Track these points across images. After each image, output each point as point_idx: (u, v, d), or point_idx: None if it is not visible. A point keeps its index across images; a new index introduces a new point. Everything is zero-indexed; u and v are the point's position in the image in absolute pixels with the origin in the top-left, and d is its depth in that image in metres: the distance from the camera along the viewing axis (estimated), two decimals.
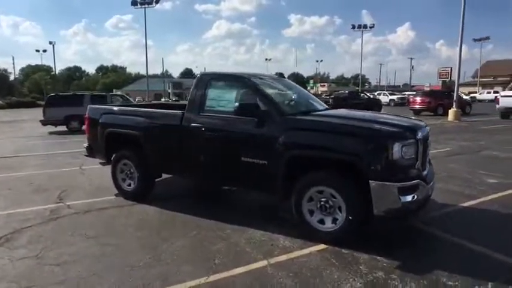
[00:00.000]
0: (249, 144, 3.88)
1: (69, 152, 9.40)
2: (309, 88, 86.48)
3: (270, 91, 4.16)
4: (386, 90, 55.28)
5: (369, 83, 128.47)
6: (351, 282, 2.81)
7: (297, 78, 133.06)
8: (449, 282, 2.78)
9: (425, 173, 3.53)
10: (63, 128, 14.73)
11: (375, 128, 3.39)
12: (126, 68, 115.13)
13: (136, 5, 36.82)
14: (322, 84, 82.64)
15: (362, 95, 24.95)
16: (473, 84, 64.30)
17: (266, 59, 79.26)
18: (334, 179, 3.40)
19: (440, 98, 22.10)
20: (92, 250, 3.43)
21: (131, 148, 4.94)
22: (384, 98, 37.96)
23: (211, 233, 3.82)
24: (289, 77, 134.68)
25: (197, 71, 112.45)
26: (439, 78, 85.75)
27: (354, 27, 47.75)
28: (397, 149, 3.17)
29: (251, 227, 3.91)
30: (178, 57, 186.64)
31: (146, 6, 36.43)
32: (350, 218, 3.31)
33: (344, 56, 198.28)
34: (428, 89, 68.93)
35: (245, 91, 4.08)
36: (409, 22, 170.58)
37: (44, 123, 14.39)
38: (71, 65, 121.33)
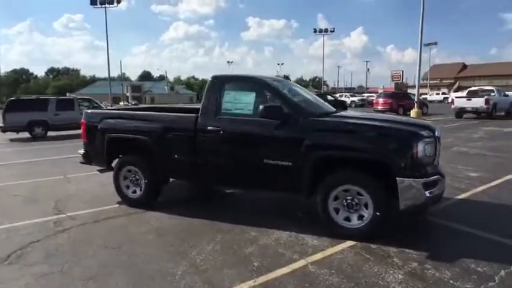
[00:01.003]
0: (272, 147, 3.92)
1: (45, 159, 8.79)
2: None
3: (288, 94, 4.23)
4: (344, 92, 57.62)
5: (327, 85, 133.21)
6: (392, 274, 2.96)
7: None
8: (479, 269, 3.02)
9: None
10: (25, 134, 13.68)
11: (401, 128, 3.60)
12: (79, 70, 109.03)
13: (96, 4, 34.86)
14: None
15: (329, 96, 25.85)
16: (423, 86, 68.99)
17: (228, 62, 78.87)
18: (361, 178, 3.54)
19: (401, 99, 23.52)
20: (121, 260, 3.28)
21: (137, 154, 4.76)
22: (346, 100, 39.68)
23: (237, 236, 3.80)
24: None
25: (157, 74, 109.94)
26: (392, 80, 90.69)
27: (315, 31, 49.42)
28: (421, 147, 3.39)
29: (273, 229, 3.94)
30: (134, 59, 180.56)
31: (107, 6, 34.67)
32: (378, 214, 3.47)
33: (302, 59, 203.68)
34: (381, 90, 72.90)
35: (266, 94, 4.12)
36: (362, 27, 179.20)
37: (4, 129, 13.26)
38: (17, 66, 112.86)
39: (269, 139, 3.93)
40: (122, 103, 54.34)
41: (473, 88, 21.79)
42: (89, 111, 5.26)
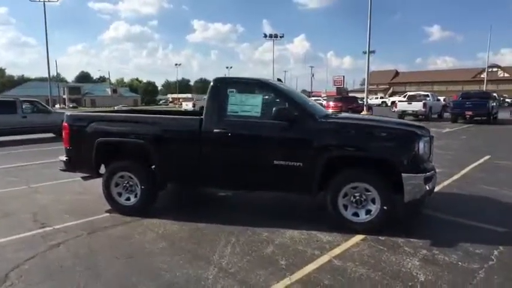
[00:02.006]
0: (282, 148, 4.01)
1: None
2: None
3: (294, 96, 4.36)
4: None
5: None
6: (409, 261, 3.23)
7: (205, 84, 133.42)
8: (477, 251, 3.43)
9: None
10: None
11: (403, 129, 3.94)
12: (5, 69, 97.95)
13: None
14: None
15: None
16: (361, 91, 74.14)
17: (176, 64, 77.01)
18: (370, 175, 3.80)
19: (350, 103, 25.03)
20: (141, 270, 3.11)
21: (132, 159, 4.53)
22: None
23: (250, 237, 3.82)
24: (197, 82, 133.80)
25: (97, 75, 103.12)
26: (334, 85, 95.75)
27: (265, 36, 50.60)
28: (421, 146, 3.75)
29: (282, 228, 4.03)
30: (70, 59, 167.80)
31: (46, 0, 31.62)
32: (385, 208, 3.75)
33: (247, 63, 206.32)
34: (324, 95, 76.60)
35: (273, 96, 4.21)
36: (304, 34, 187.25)
37: None
38: None
39: (279, 140, 4.02)
40: (57, 106, 50.07)
41: (411, 93, 24.07)
42: (73, 113, 4.87)
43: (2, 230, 4.12)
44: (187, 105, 27.38)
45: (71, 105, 54.01)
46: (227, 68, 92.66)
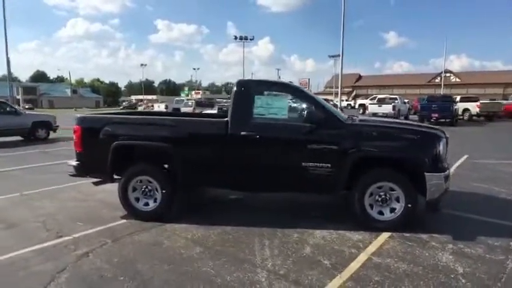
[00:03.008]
0: (310, 150, 4.10)
1: None
2: (183, 95, 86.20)
3: (319, 99, 4.46)
4: None
5: None
6: (442, 255, 3.45)
7: (169, 85, 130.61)
8: (496, 243, 3.72)
9: None
10: None
11: (425, 131, 4.17)
12: None
13: None
14: (196, 91, 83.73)
15: None
16: (327, 93, 76.40)
17: (142, 65, 74.66)
18: (395, 175, 4.00)
19: None
20: (193, 277, 3.06)
21: (153, 162, 4.40)
22: None
23: (283, 239, 3.86)
24: (161, 84, 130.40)
25: (54, 75, 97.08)
26: None
27: (236, 37, 50.50)
28: (441, 146, 4.01)
29: (310, 229, 4.12)
30: (21, 57, 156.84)
31: None
32: (409, 206, 3.96)
33: (212, 64, 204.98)
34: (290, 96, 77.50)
35: (300, 99, 4.28)
36: (269, 36, 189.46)
37: None
38: None
39: (307, 142, 4.10)
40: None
41: (381, 96, 25.25)
42: (85, 115, 4.62)
43: (16, 241, 3.83)
44: (159, 107, 26.68)
45: (26, 106, 50.36)
46: (194, 69, 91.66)
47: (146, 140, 4.33)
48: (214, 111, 19.98)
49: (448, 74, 62.17)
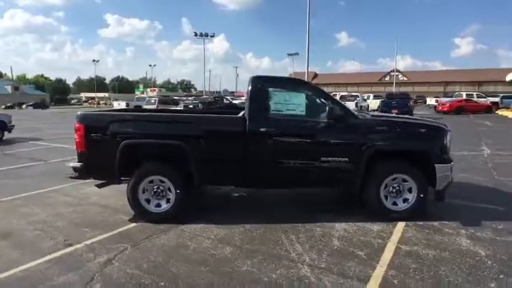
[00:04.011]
0: (329, 145, 4.16)
1: None
2: (138, 93, 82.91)
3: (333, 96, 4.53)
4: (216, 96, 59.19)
5: (195, 88, 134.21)
6: (459, 240, 3.69)
7: (121, 82, 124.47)
8: (499, 227, 4.06)
9: None
10: None
11: (433, 124, 4.41)
12: None
13: None
14: (152, 89, 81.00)
15: (224, 100, 26.55)
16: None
17: (94, 60, 70.15)
18: (408, 167, 4.19)
19: None
20: (235, 276, 2.97)
21: (165, 161, 4.18)
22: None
23: (307, 233, 3.90)
24: (113, 80, 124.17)
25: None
26: None
27: (196, 34, 49.18)
28: (448, 139, 4.28)
29: (327, 222, 4.20)
30: None
31: None
32: (421, 195, 4.19)
33: (166, 61, 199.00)
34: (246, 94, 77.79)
35: (317, 96, 4.30)
36: (224, 33, 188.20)
37: None
38: None
39: (326, 138, 4.16)
40: None
41: (343, 93, 26.25)
42: (88, 112, 4.25)
43: (20, 252, 3.45)
44: (120, 105, 25.29)
45: None
46: (150, 66, 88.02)
47: (159, 138, 4.10)
48: (180, 108, 19.47)
49: (396, 73, 66.31)
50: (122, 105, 24.93)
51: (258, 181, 4.33)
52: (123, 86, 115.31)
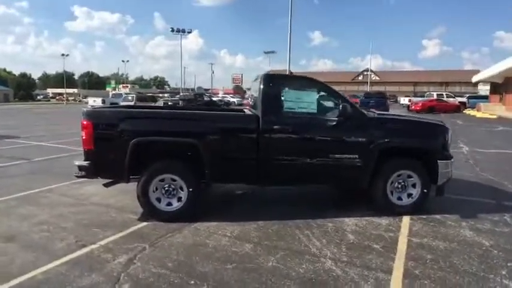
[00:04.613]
0: (340, 142, 4.28)
1: None
2: (110, 89, 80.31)
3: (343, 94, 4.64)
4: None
5: (169, 85, 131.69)
6: (463, 232, 3.93)
7: (91, 78, 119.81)
8: (495, 218, 4.35)
9: None
10: None
11: (436, 123, 4.63)
12: None
13: None
14: (124, 85, 78.75)
15: (204, 97, 26.27)
16: None
17: (63, 54, 66.95)
18: (413, 163, 4.39)
19: None
20: (263, 272, 3.01)
21: (178, 159, 4.14)
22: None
23: (321, 229, 4.00)
24: (82, 76, 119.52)
25: None
26: (233, 82, 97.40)
27: (173, 30, 48.10)
28: (449, 136, 4.52)
29: (336, 217, 4.32)
30: None
31: None
32: (425, 191, 4.40)
33: (138, 57, 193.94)
34: (222, 92, 77.89)
35: (328, 94, 4.41)
36: (198, 30, 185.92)
37: None
38: None
39: (337, 135, 4.27)
40: None
41: None
42: (96, 108, 4.11)
43: (32, 255, 3.30)
44: (95, 102, 24.41)
45: None
46: (123, 61, 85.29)
47: (172, 136, 4.05)
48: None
49: (369, 72, 68.36)
50: (98, 101, 24.12)
51: (271, 179, 4.37)
52: (93, 82, 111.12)
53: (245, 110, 5.28)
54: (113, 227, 3.99)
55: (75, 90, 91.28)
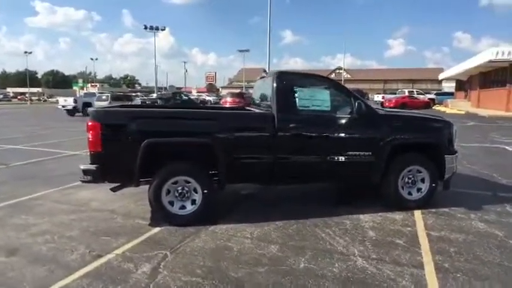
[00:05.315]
0: (354, 140, 4.29)
1: None
2: (77, 88, 76.98)
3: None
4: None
5: (139, 83, 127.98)
6: (475, 223, 4.06)
7: (56, 76, 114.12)
8: (498, 209, 4.53)
9: None
10: None
11: (442, 119, 4.75)
12: None
13: None
14: (93, 84, 75.78)
15: (183, 96, 25.70)
16: (231, 87, 77.73)
17: (26, 52, 63.14)
18: (423, 158, 4.48)
19: (245, 99, 26.21)
20: (299, 273, 2.94)
21: (191, 160, 3.97)
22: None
23: (340, 226, 3.99)
24: (46, 75, 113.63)
25: None
26: (207, 81, 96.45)
27: (146, 27, 46.44)
28: (454, 132, 4.66)
29: (350, 214, 4.32)
30: None
31: None
32: (433, 185, 4.51)
33: (106, 54, 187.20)
34: (195, 90, 76.75)
35: (340, 92, 4.39)
36: (168, 27, 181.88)
37: None
38: None
39: (351, 133, 4.27)
40: None
41: None
42: (105, 109, 3.84)
43: (44, 269, 3.04)
44: (66, 101, 23.16)
45: None
46: (92, 59, 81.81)
47: (185, 136, 3.87)
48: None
49: (341, 70, 69.96)
50: (69, 101, 22.94)
51: (286, 177, 4.31)
52: (59, 81, 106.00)
53: (251, 109, 5.16)
54: (124, 234, 3.76)
55: (39, 90, 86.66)
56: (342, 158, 4.23)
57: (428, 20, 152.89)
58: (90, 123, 3.75)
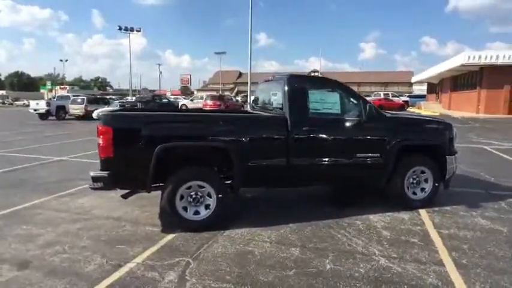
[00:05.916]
0: (364, 142, 4.38)
1: None
2: (45, 91, 73.76)
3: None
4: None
5: (111, 86, 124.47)
6: (478, 221, 4.26)
7: (21, 78, 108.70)
8: (496, 206, 4.77)
9: None
10: None
11: (443, 121, 4.94)
12: None
13: None
14: (62, 86, 72.96)
15: (162, 98, 25.22)
16: (212, 89, 77.28)
17: None
18: (427, 159, 4.65)
19: (226, 101, 26.17)
20: (328, 275, 2.96)
21: (205, 165, 3.91)
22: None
23: (352, 227, 4.06)
24: (10, 76, 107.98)
25: None
26: (182, 83, 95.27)
27: (120, 28, 45.02)
28: (454, 133, 4.87)
29: (359, 215, 4.41)
30: None
31: None
32: (436, 184, 4.69)
33: (74, 56, 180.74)
34: (169, 93, 75.53)
35: (350, 95, 4.46)
36: (142, 28, 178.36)
37: None
38: None
39: (362, 135, 4.37)
40: None
41: None
42: (117, 113, 3.70)
43: (64, 280, 2.90)
44: (38, 104, 22.09)
45: None
46: (61, 61, 78.61)
47: (200, 140, 3.81)
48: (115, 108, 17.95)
49: (316, 73, 71.22)
50: (42, 104, 21.94)
51: (299, 180, 4.34)
52: (24, 83, 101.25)
53: (255, 112, 5.16)
54: (138, 242, 3.65)
55: (3, 92, 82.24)
56: (352, 160, 4.32)
57: (397, 24, 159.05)
58: (101, 128, 3.61)
